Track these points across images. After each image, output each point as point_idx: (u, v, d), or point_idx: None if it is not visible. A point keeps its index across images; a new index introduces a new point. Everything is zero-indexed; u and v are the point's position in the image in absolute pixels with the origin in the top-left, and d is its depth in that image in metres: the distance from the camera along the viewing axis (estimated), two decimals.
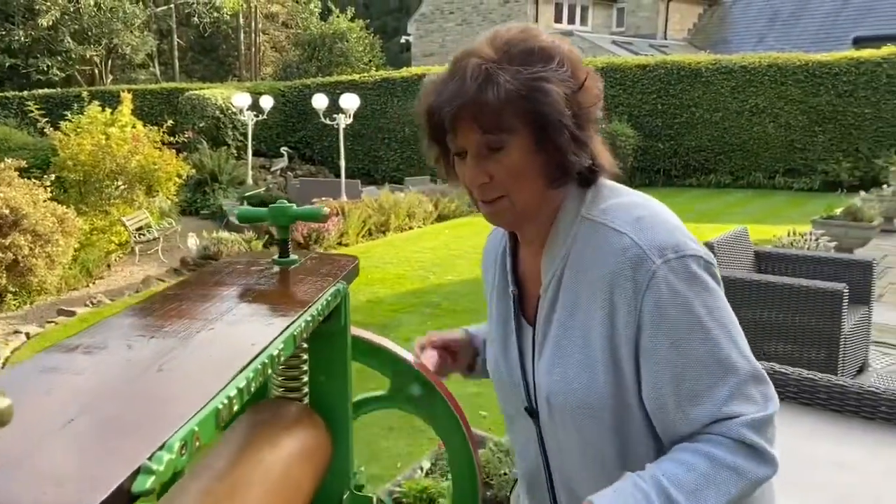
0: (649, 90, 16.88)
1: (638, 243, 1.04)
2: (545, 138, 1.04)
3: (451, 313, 6.74)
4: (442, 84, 1.05)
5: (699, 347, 1.01)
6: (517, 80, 1.01)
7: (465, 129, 1.04)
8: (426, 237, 10.72)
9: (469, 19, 24.49)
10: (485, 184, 1.06)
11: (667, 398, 1.03)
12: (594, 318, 1.06)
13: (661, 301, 1.01)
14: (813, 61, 15.88)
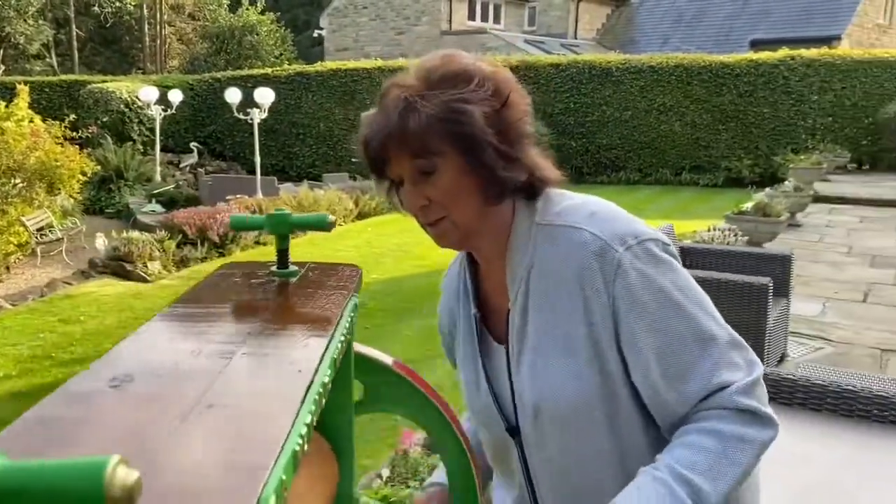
0: (562, 89, 17.22)
1: (598, 235, 1.07)
2: (473, 158, 1.06)
3: (378, 312, 6.67)
4: (372, 117, 1.10)
5: (677, 325, 1.04)
6: (437, 105, 1.04)
7: (396, 158, 1.08)
8: (348, 235, 10.58)
9: (383, 14, 24.36)
10: (424, 206, 1.09)
11: (657, 380, 1.05)
12: (571, 318, 1.08)
13: (631, 287, 1.05)
14: (716, 62, 16.56)
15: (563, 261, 1.09)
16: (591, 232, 1.08)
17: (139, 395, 0.53)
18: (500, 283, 1.17)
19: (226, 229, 9.48)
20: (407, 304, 6.95)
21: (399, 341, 5.88)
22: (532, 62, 17.61)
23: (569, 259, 1.08)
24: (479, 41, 21.80)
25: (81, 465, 0.27)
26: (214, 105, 19.42)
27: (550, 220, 1.12)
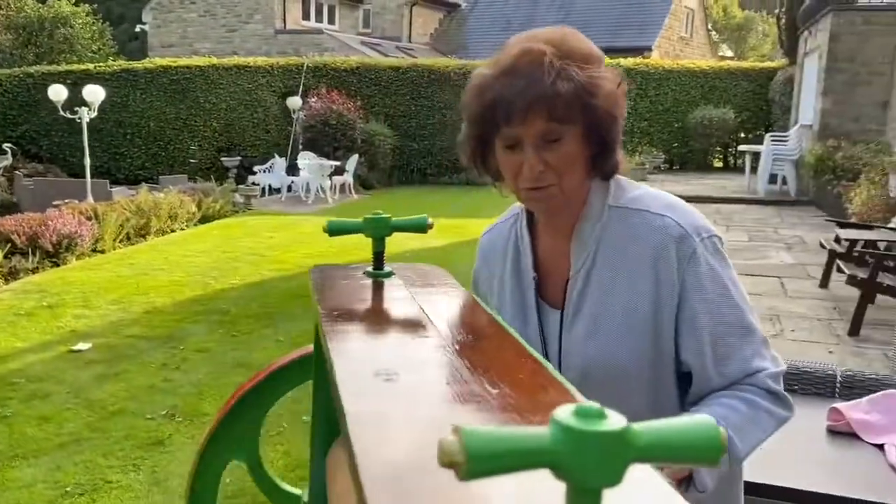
0: (403, 91, 17.45)
1: (679, 223, 1.20)
2: (596, 133, 1.16)
3: (243, 319, 6.49)
4: (508, 77, 1.13)
5: (728, 314, 1.19)
6: (583, 76, 1.12)
7: (533, 119, 1.12)
8: (195, 240, 10.15)
9: (212, 11, 23.44)
10: (541, 171, 1.15)
11: (706, 358, 1.19)
12: (638, 292, 1.19)
13: (700, 274, 1.18)
14: None
15: (639, 240, 1.19)
16: (674, 220, 1.20)
17: (411, 385, 0.58)
18: (558, 251, 1.27)
19: (59, 237, 8.79)
20: (273, 309, 6.81)
21: (269, 347, 5.77)
22: (372, 64, 17.71)
23: (647, 239, 1.19)
24: (315, 41, 21.57)
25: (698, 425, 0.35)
26: (28, 103, 17.86)
27: (626, 204, 1.23)
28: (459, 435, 0.33)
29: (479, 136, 1.20)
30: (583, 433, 0.33)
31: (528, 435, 0.33)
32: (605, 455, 0.33)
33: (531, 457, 0.33)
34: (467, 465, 0.32)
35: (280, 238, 10.31)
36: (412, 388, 0.56)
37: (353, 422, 0.48)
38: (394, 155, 17.01)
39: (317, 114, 15.86)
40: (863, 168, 9.76)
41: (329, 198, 14.34)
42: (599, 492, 0.34)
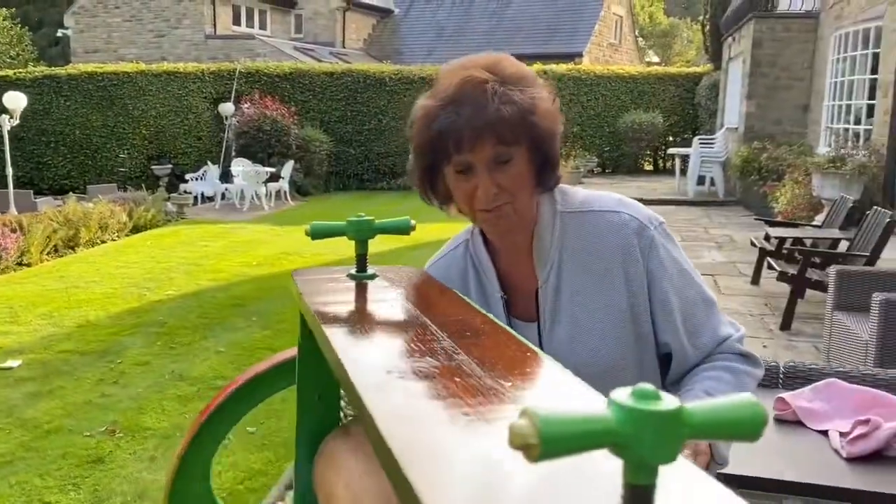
0: (338, 97, 17.35)
1: (634, 216, 1.27)
2: (541, 151, 1.21)
3: (181, 330, 6.34)
4: (454, 106, 1.16)
5: (690, 291, 1.28)
6: (526, 100, 1.17)
7: (482, 145, 1.16)
8: (128, 251, 9.86)
9: (139, 15, 22.84)
10: (495, 193, 1.19)
11: (682, 336, 1.26)
12: (612, 289, 1.25)
13: (661, 260, 1.26)
14: None
15: (601, 240, 1.25)
16: (629, 214, 1.27)
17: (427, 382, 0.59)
18: (520, 267, 1.30)
19: None
20: (210, 320, 6.67)
21: (210, 359, 5.65)
22: (306, 70, 17.54)
23: (609, 238, 1.25)
24: (246, 46, 21.25)
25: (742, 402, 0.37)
26: None
27: (577, 209, 1.29)
28: (531, 418, 0.34)
29: (428, 166, 1.23)
30: (644, 413, 0.35)
31: (593, 417, 0.35)
32: (663, 433, 0.35)
33: (597, 437, 0.34)
34: (541, 448, 0.33)
35: (215, 247, 10.11)
36: (429, 384, 0.57)
37: (382, 419, 0.48)
38: (330, 161, 16.89)
39: (250, 120, 15.62)
40: (787, 169, 10.16)
41: (265, 205, 14.14)
42: (656, 469, 0.36)
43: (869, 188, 8.54)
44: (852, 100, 10.44)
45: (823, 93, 11.41)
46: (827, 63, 11.28)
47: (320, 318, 0.75)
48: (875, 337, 3.84)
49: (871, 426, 1.88)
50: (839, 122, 10.80)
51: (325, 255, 9.58)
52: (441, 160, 1.20)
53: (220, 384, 5.13)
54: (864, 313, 4.29)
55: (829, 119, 11.19)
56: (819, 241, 6.39)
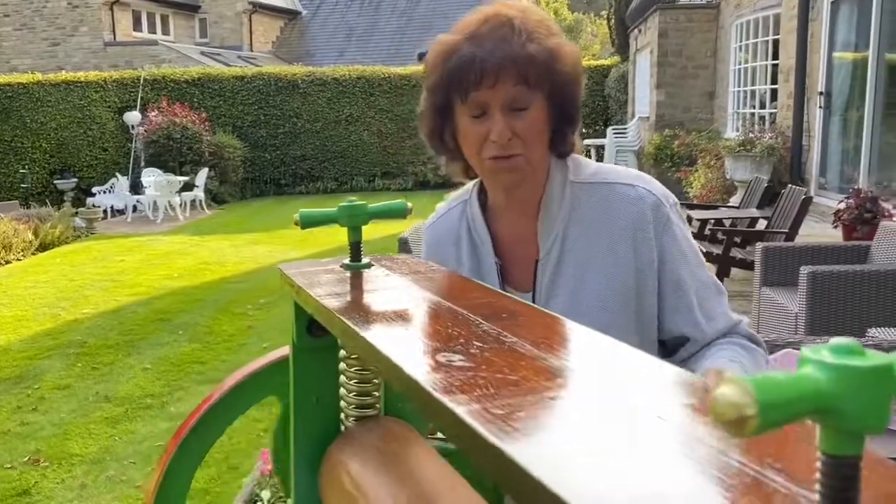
0: (250, 101, 16.94)
1: (651, 192, 1.20)
2: (559, 105, 1.15)
3: (102, 350, 6.03)
4: (477, 39, 1.10)
5: (702, 274, 1.22)
6: (552, 44, 1.12)
7: (504, 81, 1.09)
8: (36, 270, 9.33)
9: (31, 23, 21.70)
10: (509, 139, 1.12)
11: (699, 316, 1.19)
12: (618, 263, 1.18)
13: (676, 239, 1.19)
14: (394, 74, 17.54)
15: (614, 213, 1.18)
16: (646, 189, 1.20)
17: (491, 364, 0.53)
18: (522, 234, 1.23)
19: None
20: (133, 336, 6.37)
21: (137, 377, 5.39)
22: (215, 74, 17.06)
23: (623, 212, 1.18)
24: (150, 53, 20.49)
25: None
26: None
27: (589, 179, 1.22)
28: (741, 386, 0.28)
29: (441, 106, 1.16)
30: (856, 371, 0.29)
31: (801, 378, 0.29)
32: (878, 393, 0.30)
33: (809, 401, 0.29)
34: (760, 418, 0.28)
35: (132, 261, 9.69)
36: (495, 367, 0.50)
37: (470, 416, 0.42)
38: (245, 167, 16.47)
39: (158, 128, 15.06)
40: (699, 154, 10.50)
41: (179, 215, 13.67)
42: (863, 436, 0.31)
43: (777, 168, 8.91)
44: (756, 85, 10.88)
45: (728, 79, 11.84)
46: (730, 51, 11.71)
47: (336, 310, 0.67)
48: (804, 309, 3.98)
49: None
50: (745, 107, 11.23)
51: (248, 264, 9.33)
52: (456, 99, 1.13)
53: (149, 402, 4.89)
54: (791, 287, 4.44)
55: (735, 104, 11.63)
56: (738, 220, 6.61)
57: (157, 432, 4.46)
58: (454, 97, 1.13)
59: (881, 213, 5.55)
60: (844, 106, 8.45)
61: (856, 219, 5.61)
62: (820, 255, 4.53)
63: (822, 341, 2.19)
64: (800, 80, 8.83)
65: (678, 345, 1.23)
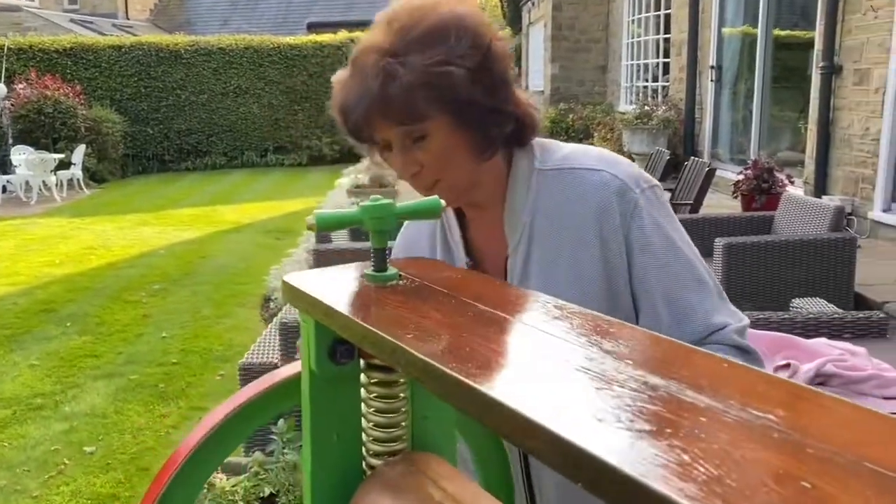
0: (128, 72, 15.96)
1: (617, 176, 1.09)
2: (461, 118, 1.04)
3: None
4: (348, 84, 1.05)
5: (679, 268, 1.08)
6: (417, 71, 1.00)
7: (381, 126, 1.04)
8: None
9: None
10: (416, 173, 1.06)
11: (663, 317, 1.07)
12: (585, 255, 1.08)
13: (644, 228, 1.07)
14: (284, 44, 16.95)
15: (578, 201, 1.08)
16: (610, 173, 1.09)
17: None
18: (491, 232, 1.16)
19: None
20: (15, 330, 5.86)
21: (23, 374, 4.95)
22: (89, 44, 15.94)
23: (587, 198, 1.08)
24: (12, 20, 18.90)
25: None
26: None
27: (555, 165, 1.12)
28: None
29: (356, 140, 1.09)
30: None
31: None
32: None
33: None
34: None
35: (6, 247, 8.93)
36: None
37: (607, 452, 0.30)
38: (126, 142, 15.53)
39: (27, 102, 13.92)
40: (596, 127, 10.70)
41: (56, 195, 12.73)
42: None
43: (671, 140, 9.19)
44: (647, 59, 11.16)
45: (620, 53, 12.10)
46: (622, 24, 11.95)
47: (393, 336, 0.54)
48: (720, 280, 4.07)
49: (792, 371, 1.91)
50: (638, 81, 11.51)
51: (137, 247, 8.80)
52: (363, 137, 1.08)
53: (40, 402, 4.50)
54: (704, 258, 4.54)
55: (628, 78, 11.91)
56: None
57: (52, 435, 4.10)
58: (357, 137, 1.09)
59: (777, 184, 5.78)
60: (734, 79, 8.79)
61: (754, 189, 5.83)
62: (729, 226, 4.66)
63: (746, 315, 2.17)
64: (691, 53, 9.11)
65: None
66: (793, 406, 0.43)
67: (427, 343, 0.55)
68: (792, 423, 0.40)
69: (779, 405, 0.43)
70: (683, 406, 0.43)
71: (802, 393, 0.45)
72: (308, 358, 0.70)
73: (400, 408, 0.75)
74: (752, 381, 0.47)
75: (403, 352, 0.53)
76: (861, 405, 0.42)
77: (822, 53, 6.18)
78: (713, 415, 0.42)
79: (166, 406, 4.42)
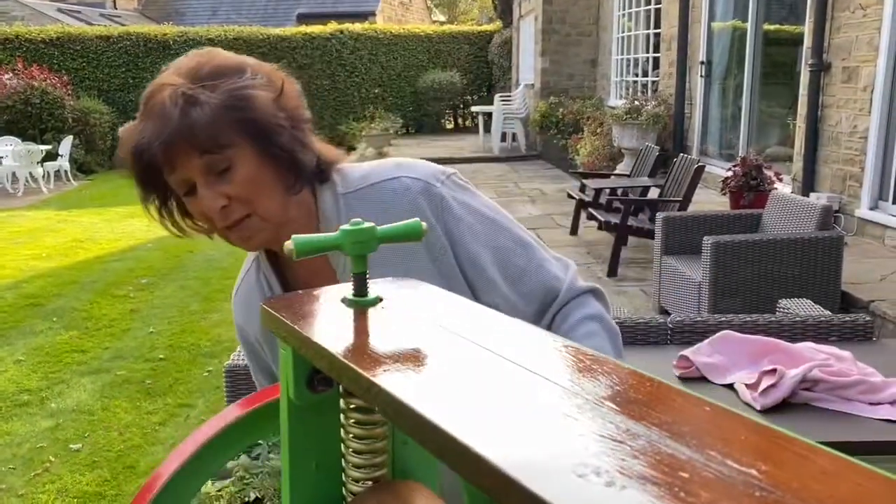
0: (116, 63, 15.84)
1: (415, 178, 1.13)
2: (267, 144, 1.04)
3: None
4: (141, 125, 1.02)
5: (499, 237, 1.14)
6: (220, 95, 1.01)
7: (183, 159, 1.01)
8: None
9: None
10: (225, 207, 1.04)
11: (504, 290, 1.13)
12: (414, 261, 1.11)
13: (457, 215, 1.13)
14: (273, 35, 16.85)
15: (388, 213, 1.08)
16: (410, 176, 1.13)
17: None
18: (316, 267, 1.15)
19: None
20: (2, 325, 5.81)
21: (9, 370, 4.92)
22: (76, 34, 15.80)
23: (395, 208, 1.10)
24: None
25: None
26: None
27: (357, 186, 1.14)
28: None
29: (147, 191, 1.06)
30: None
31: None
32: None
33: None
34: None
35: None
36: None
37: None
38: (114, 134, 15.39)
39: (14, 93, 13.79)
40: (585, 122, 10.68)
41: (43, 187, 12.64)
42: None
43: (661, 136, 9.19)
44: (637, 53, 11.15)
45: (610, 47, 12.08)
46: (612, 18, 11.93)
47: (362, 367, 0.53)
48: (708, 278, 4.08)
49: (778, 376, 1.91)
50: (628, 76, 11.50)
51: (125, 240, 8.74)
52: (159, 188, 1.06)
53: (26, 399, 4.47)
54: (691, 255, 4.56)
55: (618, 72, 11.89)
56: (630, 189, 6.75)
57: (38, 432, 4.07)
58: (157, 185, 1.05)
59: (766, 181, 5.79)
60: (724, 75, 8.79)
61: (742, 186, 5.84)
62: (716, 224, 4.66)
63: (728, 319, 2.17)
64: (682, 48, 9.10)
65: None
66: (775, 458, 0.43)
67: (402, 381, 0.54)
68: (773, 480, 0.40)
69: (760, 457, 0.42)
70: (663, 459, 0.42)
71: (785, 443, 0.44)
72: (286, 386, 0.69)
73: (380, 434, 0.74)
74: (735, 428, 0.46)
75: (379, 390, 0.52)
76: (839, 457, 0.42)
77: (811, 50, 6.18)
78: (693, 468, 0.41)
79: (153, 403, 4.39)
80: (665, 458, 0.42)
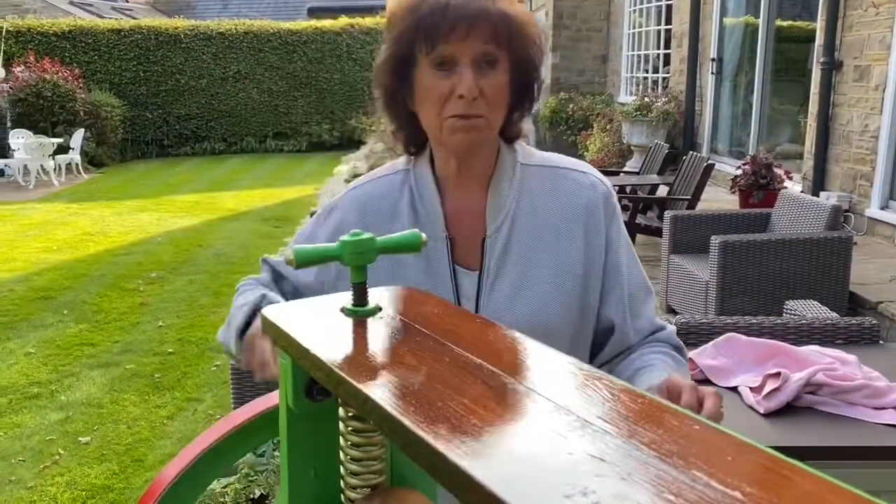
0: (128, 56, 15.88)
1: (602, 181, 1.22)
2: (522, 76, 1.13)
3: None
4: None
5: (636, 271, 1.23)
6: (520, 8, 1.11)
7: (475, 37, 1.07)
8: None
9: None
10: (475, 98, 1.08)
11: (626, 313, 1.20)
12: (569, 248, 1.17)
13: (620, 230, 1.22)
14: (283, 29, 16.85)
15: (565, 197, 1.18)
16: (596, 177, 1.22)
17: None
18: (469, 210, 1.19)
19: None
20: (12, 317, 5.86)
21: (19, 362, 4.96)
22: (88, 27, 15.84)
23: (575, 197, 1.18)
24: (11, 2, 18.76)
25: None
26: None
27: (539, 163, 1.21)
28: None
29: (403, 59, 1.10)
30: None
31: None
32: None
33: None
34: None
35: (3, 232, 8.92)
36: None
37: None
38: (125, 127, 15.48)
39: (26, 85, 13.85)
40: (595, 118, 10.64)
41: (54, 180, 12.71)
42: None
43: (671, 133, 9.15)
44: (648, 49, 11.10)
45: (621, 43, 12.03)
46: (623, 14, 11.87)
47: (361, 382, 0.53)
48: (715, 277, 4.07)
49: (782, 379, 1.91)
50: (638, 72, 11.45)
51: (135, 234, 8.79)
52: (421, 51, 1.08)
53: (36, 391, 4.51)
54: (699, 254, 4.54)
55: (629, 69, 11.84)
56: (639, 186, 6.73)
57: (48, 424, 4.11)
58: (419, 49, 1.08)
59: (775, 180, 5.77)
60: (735, 72, 8.74)
61: (752, 185, 5.82)
62: (725, 223, 4.65)
63: (733, 321, 2.17)
64: (693, 45, 9.06)
65: (605, 338, 1.22)
66: (759, 480, 0.43)
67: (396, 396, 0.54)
68: (756, 502, 0.40)
69: (745, 479, 0.43)
70: (650, 480, 0.43)
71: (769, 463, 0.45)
72: (285, 395, 0.70)
73: (378, 442, 0.75)
74: (722, 448, 0.47)
75: (374, 404, 0.53)
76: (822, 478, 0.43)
77: (823, 48, 6.14)
78: (679, 490, 0.42)
79: (162, 396, 4.42)
80: (652, 479, 0.43)
